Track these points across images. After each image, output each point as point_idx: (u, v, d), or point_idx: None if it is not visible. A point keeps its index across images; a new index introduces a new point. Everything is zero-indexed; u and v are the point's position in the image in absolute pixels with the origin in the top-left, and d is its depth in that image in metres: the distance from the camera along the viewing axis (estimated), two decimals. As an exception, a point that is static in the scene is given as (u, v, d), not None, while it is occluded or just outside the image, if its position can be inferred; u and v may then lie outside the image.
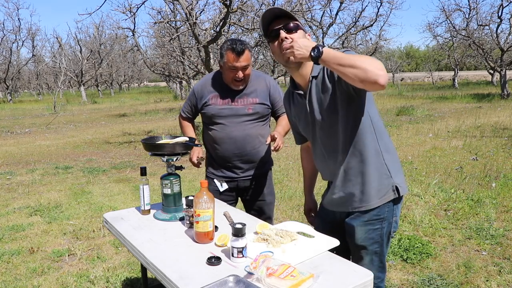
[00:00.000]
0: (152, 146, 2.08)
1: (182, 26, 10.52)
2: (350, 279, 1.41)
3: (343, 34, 17.37)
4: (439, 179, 5.33)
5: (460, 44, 24.43)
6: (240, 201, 2.66)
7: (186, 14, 8.12)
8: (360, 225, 1.75)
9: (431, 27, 24.37)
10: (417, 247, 3.31)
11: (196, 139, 2.33)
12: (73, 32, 73.44)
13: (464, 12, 20.76)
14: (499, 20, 18.21)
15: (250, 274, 1.38)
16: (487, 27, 19.73)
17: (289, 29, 1.64)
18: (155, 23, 11.93)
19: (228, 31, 10.35)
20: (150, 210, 2.14)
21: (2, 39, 29.81)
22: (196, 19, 8.12)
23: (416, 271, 3.00)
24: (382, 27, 20.42)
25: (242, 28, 9.88)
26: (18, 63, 32.31)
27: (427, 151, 7.23)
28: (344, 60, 1.43)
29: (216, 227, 1.83)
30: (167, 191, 2.03)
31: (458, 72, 27.68)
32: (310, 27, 17.06)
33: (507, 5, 17.79)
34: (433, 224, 3.86)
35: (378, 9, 20.25)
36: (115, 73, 35.59)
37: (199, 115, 2.58)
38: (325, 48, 1.47)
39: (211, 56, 8.54)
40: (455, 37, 22.10)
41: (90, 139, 10.56)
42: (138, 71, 40.48)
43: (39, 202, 5.07)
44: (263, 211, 2.58)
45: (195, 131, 2.63)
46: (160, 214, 2.06)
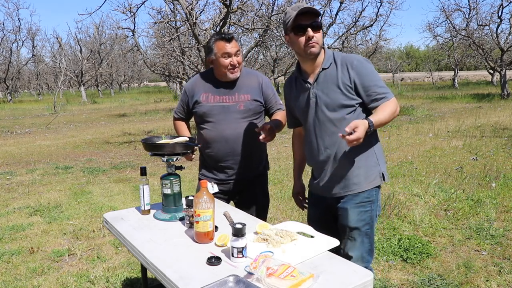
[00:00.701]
0: (152, 146, 2.08)
1: (182, 26, 10.52)
2: (350, 279, 1.41)
3: (343, 34, 17.38)
4: (439, 179, 5.33)
5: (460, 44, 24.44)
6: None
7: (186, 14, 8.12)
8: (353, 207, 1.94)
9: (431, 27, 24.32)
10: (417, 247, 3.31)
11: (195, 138, 2.32)
12: (73, 32, 73.49)
13: (464, 12, 20.78)
14: (499, 20, 18.22)
15: (250, 274, 1.38)
16: (487, 27, 19.73)
17: (315, 27, 1.84)
18: (155, 23, 11.94)
19: (228, 31, 10.36)
20: (150, 210, 2.14)
21: (2, 39, 29.82)
22: (196, 19, 8.12)
23: (416, 271, 3.00)
24: (382, 27, 20.43)
25: (242, 28, 9.89)
26: (18, 63, 32.32)
27: (427, 151, 7.23)
28: (385, 121, 1.85)
29: (216, 227, 1.83)
30: (167, 191, 2.03)
31: (458, 72, 27.69)
32: (310, 27, 17.04)
33: (507, 5, 17.80)
34: (433, 224, 3.86)
35: (378, 9, 20.21)
36: (115, 73, 35.60)
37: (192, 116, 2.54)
38: (373, 122, 1.78)
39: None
40: (455, 37, 22.10)
41: (90, 139, 10.56)
42: (138, 71, 40.47)
43: (39, 202, 5.07)
44: (255, 214, 2.43)
45: (190, 131, 2.59)
46: (160, 214, 2.06)
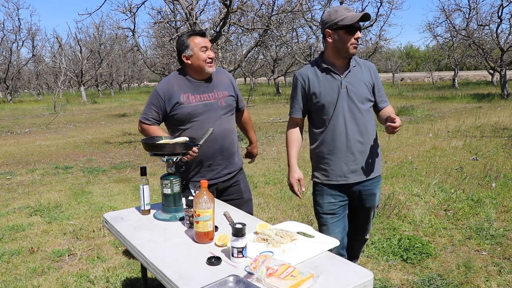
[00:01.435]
0: (152, 146, 2.08)
1: (182, 26, 10.51)
2: (350, 279, 1.41)
3: (343, 34, 17.34)
4: (439, 179, 5.33)
5: (460, 44, 24.44)
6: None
7: (186, 14, 8.12)
8: (378, 190, 2.39)
9: (431, 27, 24.35)
10: (417, 247, 3.31)
11: (195, 138, 2.30)
12: (73, 32, 73.45)
13: (464, 12, 20.79)
14: (499, 20, 18.21)
15: (250, 274, 1.38)
16: (487, 27, 19.74)
17: (360, 31, 2.19)
18: (155, 23, 11.93)
19: (228, 31, 10.36)
20: (150, 210, 2.14)
21: (2, 39, 29.81)
22: (196, 19, 8.12)
23: (416, 271, 3.00)
24: (382, 27, 20.42)
25: (242, 28, 9.89)
26: (18, 63, 32.30)
27: (427, 151, 7.23)
28: None
29: (216, 227, 1.83)
30: (167, 191, 2.03)
31: (458, 72, 27.68)
32: (310, 27, 17.07)
33: (507, 5, 17.79)
34: (433, 224, 3.86)
35: (378, 9, 20.27)
36: (115, 73, 35.58)
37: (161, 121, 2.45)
38: None
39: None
40: (455, 37, 22.10)
41: (90, 139, 10.56)
42: (138, 71, 40.44)
43: (39, 202, 5.07)
44: (241, 209, 2.45)
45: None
46: (160, 214, 2.06)
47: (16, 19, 50.50)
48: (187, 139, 2.14)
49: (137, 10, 9.23)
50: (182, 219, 2.00)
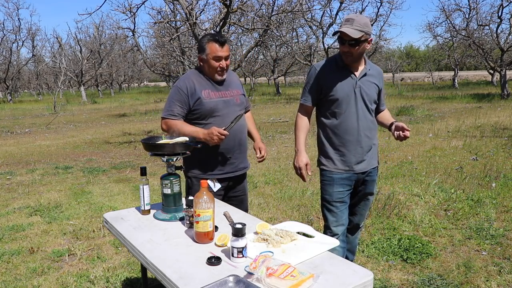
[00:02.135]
0: (152, 146, 2.08)
1: (182, 26, 10.52)
2: (350, 279, 1.41)
3: (343, 34, 17.33)
4: (439, 179, 5.33)
5: (460, 44, 24.46)
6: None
7: (186, 14, 8.12)
8: (376, 177, 2.64)
9: (431, 27, 24.36)
10: (417, 247, 3.31)
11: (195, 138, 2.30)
12: (73, 32, 73.38)
13: (464, 12, 20.81)
14: (499, 20, 18.24)
15: (250, 274, 1.38)
16: (487, 27, 19.75)
17: (352, 44, 2.31)
18: (155, 23, 11.94)
19: (228, 31, 10.36)
20: (150, 210, 2.14)
21: (2, 39, 29.81)
22: (196, 19, 8.12)
23: (416, 271, 3.00)
24: (382, 27, 20.44)
25: (242, 28, 9.89)
26: (18, 63, 32.30)
27: (427, 151, 7.23)
28: None
29: (216, 227, 1.83)
30: (167, 191, 2.03)
31: (458, 72, 27.69)
32: (310, 27, 17.07)
33: (507, 5, 17.81)
34: (433, 224, 3.86)
35: (378, 9, 20.30)
36: (115, 73, 35.58)
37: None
38: None
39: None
40: (455, 37, 22.12)
41: (90, 139, 10.56)
42: (138, 71, 40.45)
43: (39, 202, 5.07)
44: (242, 203, 2.66)
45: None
46: (160, 214, 2.06)
47: (16, 19, 50.55)
48: (187, 139, 2.14)
49: (137, 10, 9.23)
50: (182, 219, 2.00)
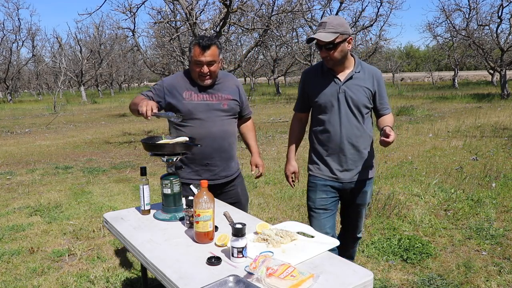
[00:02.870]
0: (152, 146, 2.07)
1: (182, 26, 10.52)
2: (350, 279, 1.41)
3: (343, 34, 17.31)
4: (439, 179, 5.33)
5: (460, 44, 24.46)
6: None
7: (186, 14, 8.12)
8: (370, 189, 2.48)
9: (431, 27, 24.34)
10: (417, 247, 3.31)
11: (195, 138, 2.29)
12: (73, 32, 73.36)
13: (464, 12, 20.80)
14: (499, 20, 18.24)
15: (250, 274, 1.38)
16: (487, 27, 19.75)
17: (329, 48, 2.21)
18: (155, 23, 11.93)
19: (228, 31, 10.35)
20: (150, 210, 2.14)
21: (2, 39, 29.79)
22: (196, 19, 8.12)
23: (416, 271, 3.00)
24: (382, 27, 20.37)
25: (242, 28, 9.89)
26: (18, 63, 32.29)
27: (427, 151, 7.23)
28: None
29: (216, 227, 1.83)
30: (167, 191, 2.03)
31: (458, 72, 27.70)
32: (310, 27, 17.07)
33: (507, 5, 17.81)
34: (433, 224, 3.86)
35: (378, 9, 20.24)
36: (115, 73, 35.57)
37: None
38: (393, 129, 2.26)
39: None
40: (455, 37, 22.11)
41: (90, 139, 10.56)
42: (138, 71, 40.42)
43: (39, 202, 5.07)
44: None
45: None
46: (160, 214, 2.06)
47: (16, 19, 50.55)
48: (187, 139, 2.14)
49: (137, 10, 9.23)
50: (182, 219, 2.00)
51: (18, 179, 6.36)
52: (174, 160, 2.05)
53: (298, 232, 1.78)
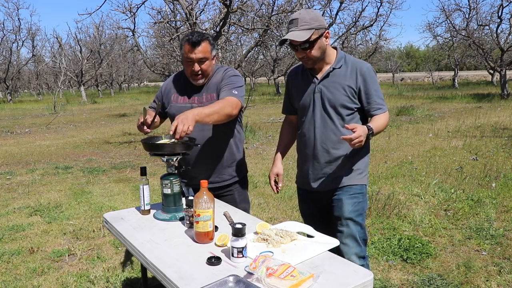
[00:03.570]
0: (152, 146, 2.07)
1: (182, 26, 10.52)
2: (350, 279, 1.40)
3: (343, 34, 17.39)
4: (439, 179, 5.33)
5: (460, 44, 24.45)
6: None
7: (186, 14, 8.12)
8: (347, 198, 2.08)
9: (431, 27, 24.35)
10: (417, 247, 3.31)
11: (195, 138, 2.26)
12: (73, 32, 73.30)
13: (464, 12, 20.80)
14: (499, 20, 18.25)
15: (250, 274, 1.38)
16: (487, 27, 19.76)
17: (304, 48, 1.99)
18: (155, 23, 11.93)
19: (228, 31, 10.35)
20: (150, 210, 2.13)
21: (2, 39, 29.78)
22: (196, 19, 8.12)
23: (416, 271, 3.00)
24: (382, 27, 20.45)
25: (242, 28, 9.89)
26: (18, 63, 32.27)
27: (427, 151, 7.23)
28: (380, 130, 2.02)
29: (216, 227, 1.83)
30: (167, 191, 2.03)
31: (458, 72, 27.71)
32: (310, 27, 17.05)
33: (507, 5, 17.81)
34: (433, 224, 3.86)
35: (378, 9, 20.30)
36: (115, 73, 35.56)
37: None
38: (374, 129, 1.93)
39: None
40: (455, 37, 22.11)
41: (90, 139, 10.56)
42: (138, 71, 40.43)
43: (39, 202, 5.07)
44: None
45: (154, 118, 2.12)
46: (160, 214, 2.06)
47: (16, 19, 50.46)
48: (187, 139, 2.13)
49: (137, 10, 9.24)
50: (182, 219, 2.00)
51: (18, 179, 6.36)
52: (174, 160, 2.05)
53: (298, 232, 1.78)
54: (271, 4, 10.54)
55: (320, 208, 2.19)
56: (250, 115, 13.82)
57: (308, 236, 1.78)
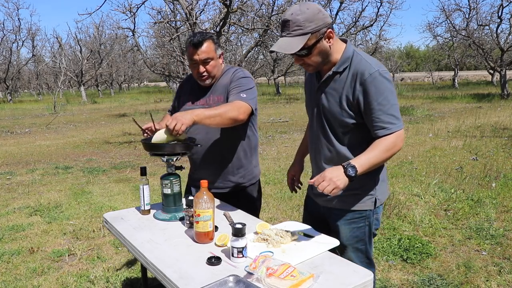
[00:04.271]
0: (152, 146, 2.07)
1: (182, 26, 10.52)
2: (350, 279, 1.40)
3: (343, 34, 17.37)
4: (439, 179, 5.33)
5: (460, 44, 24.46)
6: None
7: (186, 14, 8.13)
8: (344, 224, 1.80)
9: (431, 27, 24.40)
10: (417, 247, 3.31)
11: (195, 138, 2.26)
12: (73, 32, 73.40)
13: (464, 12, 20.81)
14: (499, 20, 18.26)
15: (250, 274, 1.38)
16: (487, 27, 19.76)
17: (301, 55, 1.67)
18: (155, 23, 11.94)
19: (228, 31, 10.36)
20: (150, 210, 2.13)
21: (2, 39, 29.81)
22: (196, 19, 8.12)
23: (416, 271, 3.00)
24: (382, 27, 20.46)
25: (242, 28, 9.90)
26: (18, 63, 32.29)
27: (427, 151, 7.23)
28: (375, 163, 1.59)
29: (216, 227, 1.83)
30: (167, 191, 2.03)
31: (458, 72, 27.71)
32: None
33: (507, 5, 17.82)
34: (433, 224, 3.86)
35: (378, 9, 20.29)
36: (115, 73, 35.57)
37: None
38: (357, 168, 1.53)
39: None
40: (455, 37, 22.11)
41: (90, 139, 10.56)
42: (138, 71, 40.45)
43: (39, 202, 5.07)
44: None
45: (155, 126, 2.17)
46: (160, 214, 2.06)
47: (16, 19, 50.60)
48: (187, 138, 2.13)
49: (137, 10, 9.24)
50: (182, 219, 2.00)
51: (18, 179, 6.36)
52: (174, 160, 2.05)
53: (298, 232, 1.78)
54: (271, 4, 10.55)
55: (321, 220, 1.92)
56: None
57: (308, 236, 1.78)
